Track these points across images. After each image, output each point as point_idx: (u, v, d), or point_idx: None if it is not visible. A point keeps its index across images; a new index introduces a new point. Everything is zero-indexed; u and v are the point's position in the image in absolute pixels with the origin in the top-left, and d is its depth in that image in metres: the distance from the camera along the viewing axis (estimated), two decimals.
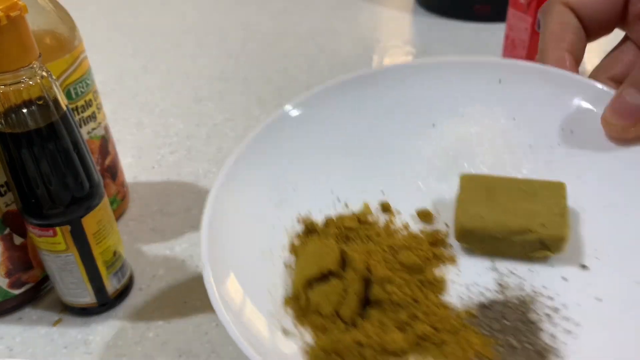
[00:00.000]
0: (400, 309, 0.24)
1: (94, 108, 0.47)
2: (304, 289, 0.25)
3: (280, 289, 0.26)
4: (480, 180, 0.28)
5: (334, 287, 0.25)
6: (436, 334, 0.24)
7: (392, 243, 0.28)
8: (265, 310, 0.25)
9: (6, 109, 0.35)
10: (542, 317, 0.24)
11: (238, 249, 0.26)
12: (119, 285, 0.44)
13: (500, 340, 0.24)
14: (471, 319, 0.25)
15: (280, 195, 0.31)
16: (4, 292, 0.43)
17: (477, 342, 0.23)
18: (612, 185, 0.28)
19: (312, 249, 0.27)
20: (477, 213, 0.27)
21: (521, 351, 0.23)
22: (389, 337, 0.23)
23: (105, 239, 0.41)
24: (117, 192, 0.52)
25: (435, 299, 0.25)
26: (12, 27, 0.32)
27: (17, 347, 0.42)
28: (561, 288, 0.26)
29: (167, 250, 0.50)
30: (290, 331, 0.24)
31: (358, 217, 0.30)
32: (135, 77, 0.79)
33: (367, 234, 0.29)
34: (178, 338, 0.42)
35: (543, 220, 0.26)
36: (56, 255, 0.40)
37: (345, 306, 0.24)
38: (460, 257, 0.28)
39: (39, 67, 0.35)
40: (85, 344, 0.42)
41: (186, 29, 0.91)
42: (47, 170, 0.37)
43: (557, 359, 0.23)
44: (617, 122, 0.27)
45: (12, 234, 0.41)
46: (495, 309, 0.25)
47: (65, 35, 0.43)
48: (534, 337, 0.24)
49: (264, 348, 0.22)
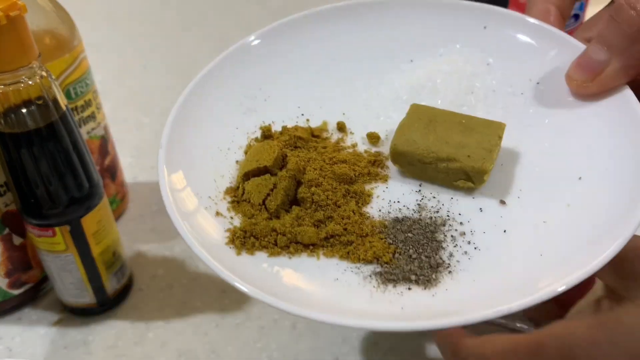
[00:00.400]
0: (320, 209, 0.28)
1: (94, 108, 0.47)
2: (242, 180, 0.29)
3: (226, 180, 0.30)
4: (427, 111, 0.30)
5: (265, 180, 0.28)
6: (345, 234, 0.27)
7: (334, 156, 0.31)
8: (206, 196, 0.28)
9: (5, 108, 0.35)
10: (447, 237, 0.27)
11: (197, 144, 0.30)
12: (118, 285, 0.44)
13: (400, 249, 0.27)
14: (382, 228, 0.28)
15: (250, 104, 0.34)
16: (4, 292, 0.43)
17: (379, 246, 0.27)
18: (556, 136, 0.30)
19: (256, 147, 0.30)
20: (411, 138, 0.29)
21: (417, 261, 0.26)
22: (302, 229, 0.27)
23: (104, 239, 0.41)
24: (117, 192, 0.52)
25: (355, 207, 0.28)
26: (11, 27, 0.32)
27: (16, 347, 0.42)
28: (474, 217, 0.28)
29: (166, 250, 0.50)
30: (222, 214, 0.28)
31: (312, 130, 0.33)
32: (135, 77, 0.78)
33: (315, 145, 0.32)
34: (177, 338, 0.42)
35: (470, 152, 0.28)
36: (55, 256, 0.40)
37: (271, 198, 0.28)
38: (393, 177, 0.31)
39: (38, 66, 0.35)
40: (84, 344, 0.42)
41: (186, 28, 0.91)
42: (46, 170, 0.37)
43: (447, 273, 0.26)
44: (578, 76, 0.28)
45: (11, 234, 0.41)
46: (406, 223, 0.28)
47: (65, 35, 0.43)
48: (433, 253, 0.27)
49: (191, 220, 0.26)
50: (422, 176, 0.30)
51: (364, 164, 0.31)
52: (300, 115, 0.34)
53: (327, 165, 0.30)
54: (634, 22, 0.25)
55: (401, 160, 0.30)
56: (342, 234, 0.27)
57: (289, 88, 0.35)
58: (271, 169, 0.29)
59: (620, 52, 0.26)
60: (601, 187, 0.27)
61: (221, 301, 0.45)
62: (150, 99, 0.73)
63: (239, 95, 0.34)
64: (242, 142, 0.32)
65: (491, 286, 0.25)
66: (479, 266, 0.26)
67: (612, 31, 0.26)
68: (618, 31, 0.26)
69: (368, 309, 0.25)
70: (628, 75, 0.27)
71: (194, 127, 0.31)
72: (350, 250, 0.27)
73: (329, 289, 0.25)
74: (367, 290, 0.25)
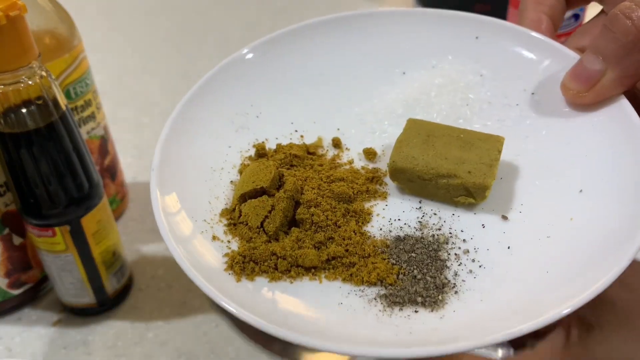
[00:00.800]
0: (320, 230, 0.27)
1: (94, 108, 0.47)
2: (238, 202, 0.28)
3: (221, 202, 0.29)
4: (424, 126, 0.30)
5: (263, 202, 0.27)
6: (347, 255, 0.26)
7: (331, 174, 0.30)
8: (201, 219, 0.27)
9: (5, 108, 0.35)
10: (451, 256, 0.27)
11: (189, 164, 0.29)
12: (118, 285, 0.44)
13: (405, 270, 0.26)
14: (384, 248, 0.27)
15: (242, 121, 0.33)
16: (3, 292, 0.43)
17: (382, 267, 0.26)
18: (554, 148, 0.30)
19: (252, 167, 0.29)
20: (410, 154, 0.29)
21: (422, 282, 0.25)
22: (303, 252, 0.26)
23: (104, 239, 0.41)
24: (117, 192, 0.52)
25: (356, 227, 0.28)
26: (11, 27, 0.32)
27: (16, 347, 0.42)
28: (477, 234, 0.28)
29: (166, 250, 0.50)
30: (219, 238, 0.27)
31: (308, 147, 0.32)
32: (135, 76, 0.78)
33: (311, 163, 0.31)
34: (177, 338, 0.42)
35: (470, 168, 0.28)
36: (55, 256, 0.40)
37: (270, 220, 0.27)
38: (392, 194, 0.30)
39: (38, 66, 0.35)
40: (84, 344, 0.42)
41: (186, 28, 0.91)
42: (46, 170, 0.37)
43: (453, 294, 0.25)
44: (574, 86, 0.28)
45: (11, 234, 0.41)
46: (408, 242, 0.27)
47: (65, 35, 0.43)
48: (437, 272, 0.26)
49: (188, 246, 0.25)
50: (422, 193, 0.30)
51: (362, 181, 0.30)
52: (294, 132, 0.33)
53: (324, 184, 0.29)
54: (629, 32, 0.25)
55: (400, 177, 0.29)
56: (343, 256, 0.27)
57: (281, 104, 0.34)
58: (268, 190, 0.28)
59: (616, 62, 0.26)
60: (603, 199, 0.26)
61: None
62: (150, 99, 0.73)
63: (231, 113, 0.33)
64: (235, 160, 0.31)
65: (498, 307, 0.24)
66: (485, 285, 0.26)
67: (607, 41, 0.26)
68: (613, 41, 0.25)
69: (376, 335, 0.24)
70: (624, 85, 0.27)
71: (186, 147, 0.30)
72: (353, 272, 0.26)
73: (333, 314, 0.25)
74: (372, 314, 0.25)
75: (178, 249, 0.25)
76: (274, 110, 0.34)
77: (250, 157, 0.32)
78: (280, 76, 0.35)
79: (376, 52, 0.35)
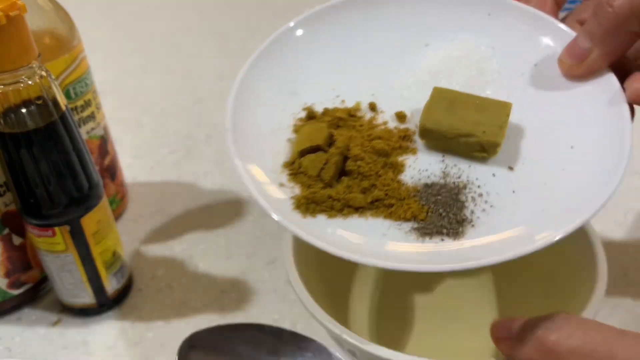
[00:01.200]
0: (365, 179, 0.34)
1: (93, 108, 0.47)
2: (297, 157, 0.34)
3: (281, 156, 0.35)
4: (447, 93, 0.36)
5: (319, 157, 0.33)
6: (387, 198, 0.33)
7: (371, 133, 0.36)
8: (268, 170, 0.34)
9: (5, 108, 0.35)
10: (468, 198, 0.33)
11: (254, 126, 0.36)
12: (118, 285, 0.44)
13: (432, 209, 0.33)
14: (415, 192, 0.34)
15: (293, 88, 0.39)
16: (3, 292, 0.43)
17: (415, 207, 0.33)
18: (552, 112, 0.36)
19: (307, 129, 0.35)
20: (436, 117, 0.35)
21: (446, 218, 0.33)
22: (352, 195, 0.33)
23: (104, 239, 0.41)
24: (116, 192, 0.52)
25: (393, 176, 0.34)
26: (11, 27, 0.32)
27: (16, 347, 0.42)
28: (489, 181, 0.34)
29: (166, 250, 0.50)
30: (285, 184, 0.33)
31: (349, 110, 0.38)
32: (135, 76, 0.79)
33: (353, 124, 0.37)
34: (177, 338, 0.42)
35: (485, 129, 0.34)
36: (55, 256, 0.40)
37: (325, 171, 0.33)
38: (420, 150, 0.36)
39: (38, 66, 0.35)
40: (84, 344, 0.42)
41: (186, 28, 0.91)
42: (46, 170, 0.37)
43: (471, 227, 0.32)
44: (567, 61, 0.34)
45: (11, 234, 0.41)
46: (434, 188, 0.34)
47: (65, 35, 0.43)
48: (458, 211, 0.33)
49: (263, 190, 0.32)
50: (445, 149, 0.36)
51: (395, 139, 0.36)
52: (336, 97, 0.39)
53: (366, 142, 0.35)
54: (610, 17, 0.30)
55: (428, 136, 0.35)
56: (384, 198, 0.33)
57: (324, 74, 0.40)
58: (322, 147, 0.34)
59: (601, 43, 0.32)
60: (590, 154, 0.33)
61: (221, 301, 0.45)
62: (149, 99, 0.73)
63: (283, 80, 0.39)
64: (289, 122, 0.37)
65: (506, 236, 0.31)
66: (495, 220, 0.32)
67: (594, 24, 0.31)
68: (598, 25, 0.31)
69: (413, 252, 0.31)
70: (608, 61, 0.33)
71: (247, 110, 0.36)
72: (392, 211, 0.33)
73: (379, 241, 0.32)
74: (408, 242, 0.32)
75: (258, 194, 0.31)
76: (318, 79, 0.39)
77: (301, 118, 0.37)
78: (322, 48, 0.40)
79: (404, 26, 0.41)
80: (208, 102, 0.71)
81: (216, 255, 0.49)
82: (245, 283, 0.46)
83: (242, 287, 0.46)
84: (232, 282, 0.46)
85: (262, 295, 0.45)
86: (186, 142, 0.64)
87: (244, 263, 0.48)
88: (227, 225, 0.52)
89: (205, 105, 0.71)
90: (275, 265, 0.47)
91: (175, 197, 0.56)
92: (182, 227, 0.52)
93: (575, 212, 0.30)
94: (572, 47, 0.34)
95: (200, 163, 0.60)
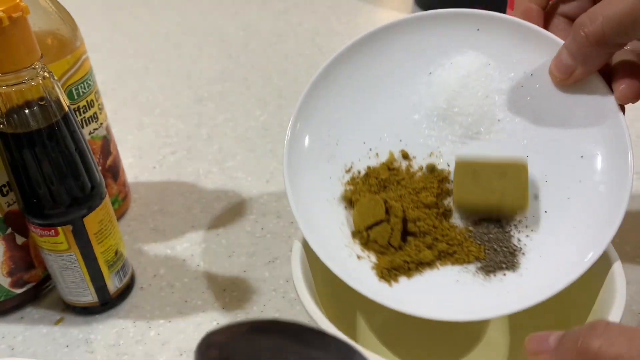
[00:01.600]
0: (427, 235, 0.36)
1: (96, 108, 0.47)
2: (365, 231, 0.37)
3: (347, 227, 0.37)
4: (469, 167, 0.37)
5: (384, 227, 0.36)
6: (450, 247, 0.36)
7: (414, 185, 0.38)
8: (342, 244, 0.36)
9: (8, 109, 0.35)
10: (512, 228, 0.36)
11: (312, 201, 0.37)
12: (120, 284, 0.44)
13: (487, 247, 0.35)
14: (469, 233, 0.36)
15: (329, 151, 0.39)
16: (6, 291, 0.43)
17: (474, 249, 0.36)
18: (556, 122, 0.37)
19: (364, 202, 0.37)
20: (467, 190, 0.37)
21: (500, 253, 0.35)
22: (423, 254, 0.36)
23: (106, 238, 0.42)
24: (119, 192, 0.52)
25: (446, 224, 0.37)
26: (14, 28, 0.33)
27: (18, 346, 0.42)
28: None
29: (168, 249, 0.50)
30: (361, 256, 0.36)
31: (387, 165, 0.40)
32: (136, 77, 0.79)
33: (395, 179, 0.39)
34: (179, 337, 0.42)
35: (511, 198, 0.36)
36: (58, 255, 0.40)
37: (393, 238, 0.36)
38: None
39: (40, 67, 0.35)
40: (86, 343, 0.42)
41: (187, 29, 0.91)
42: (49, 171, 0.37)
43: (522, 255, 0.35)
44: (556, 74, 0.36)
45: (14, 234, 0.42)
46: (483, 225, 0.37)
47: (67, 36, 0.43)
48: (508, 242, 0.35)
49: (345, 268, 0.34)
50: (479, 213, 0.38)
51: (436, 185, 0.38)
52: (369, 151, 0.40)
53: (414, 197, 0.38)
54: (584, 42, 0.33)
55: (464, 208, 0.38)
56: (447, 248, 0.36)
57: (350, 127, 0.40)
58: (384, 219, 0.37)
59: (582, 62, 0.34)
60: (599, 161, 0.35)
61: (222, 300, 0.45)
62: (151, 100, 0.73)
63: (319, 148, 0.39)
64: (337, 188, 0.38)
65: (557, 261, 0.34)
66: (539, 244, 0.35)
67: (572, 45, 0.34)
68: (576, 47, 0.34)
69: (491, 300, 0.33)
70: (592, 72, 0.35)
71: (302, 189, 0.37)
72: (456, 257, 0.36)
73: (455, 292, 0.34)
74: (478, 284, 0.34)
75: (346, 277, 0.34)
76: (346, 135, 0.40)
77: (347, 182, 0.39)
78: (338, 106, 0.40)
79: (404, 60, 0.40)
80: (208, 102, 0.72)
81: (217, 254, 0.49)
82: (246, 282, 0.46)
83: (243, 285, 0.46)
84: (233, 280, 0.46)
85: (263, 293, 0.45)
86: (187, 142, 0.64)
87: (244, 262, 0.48)
88: (228, 225, 0.52)
89: (206, 106, 0.71)
90: (275, 264, 0.48)
91: (176, 197, 0.56)
92: (183, 226, 0.52)
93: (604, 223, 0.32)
94: (559, 62, 0.36)
95: (201, 163, 0.60)
